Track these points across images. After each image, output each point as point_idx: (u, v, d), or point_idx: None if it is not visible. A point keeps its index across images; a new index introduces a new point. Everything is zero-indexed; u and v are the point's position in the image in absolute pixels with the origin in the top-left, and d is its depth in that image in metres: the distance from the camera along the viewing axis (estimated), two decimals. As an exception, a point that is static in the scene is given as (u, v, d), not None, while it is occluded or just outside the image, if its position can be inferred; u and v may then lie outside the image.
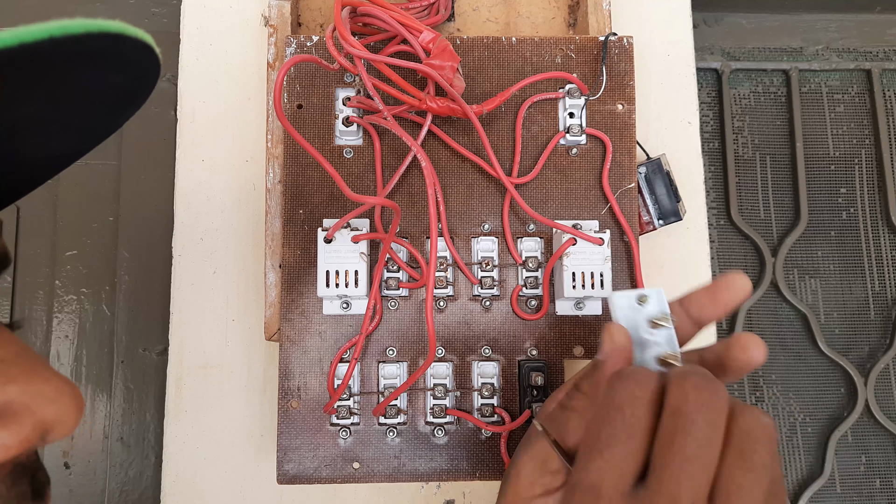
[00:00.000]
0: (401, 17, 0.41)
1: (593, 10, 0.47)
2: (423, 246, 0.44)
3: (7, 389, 0.21)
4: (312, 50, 0.44)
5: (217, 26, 0.51)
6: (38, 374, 0.22)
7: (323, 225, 0.43)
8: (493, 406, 0.43)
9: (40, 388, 0.22)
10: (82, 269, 0.53)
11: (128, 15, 0.57)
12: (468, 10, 0.51)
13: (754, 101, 0.69)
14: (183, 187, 0.49)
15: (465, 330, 0.43)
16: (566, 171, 0.45)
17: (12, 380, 0.21)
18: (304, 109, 0.44)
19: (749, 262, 0.67)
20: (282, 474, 0.42)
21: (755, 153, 0.68)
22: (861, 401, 0.64)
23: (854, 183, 0.68)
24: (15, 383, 0.21)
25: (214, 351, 0.47)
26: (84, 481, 0.51)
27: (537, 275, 0.44)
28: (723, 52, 0.69)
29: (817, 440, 0.64)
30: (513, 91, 0.43)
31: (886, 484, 0.64)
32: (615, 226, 0.44)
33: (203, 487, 0.46)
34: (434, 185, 0.42)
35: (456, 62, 0.40)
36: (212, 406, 0.47)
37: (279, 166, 0.45)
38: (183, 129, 0.50)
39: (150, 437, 0.51)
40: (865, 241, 0.67)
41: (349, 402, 0.42)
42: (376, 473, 0.42)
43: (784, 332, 0.66)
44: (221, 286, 0.48)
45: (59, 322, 0.53)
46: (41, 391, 0.21)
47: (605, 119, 0.45)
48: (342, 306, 0.43)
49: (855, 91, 0.69)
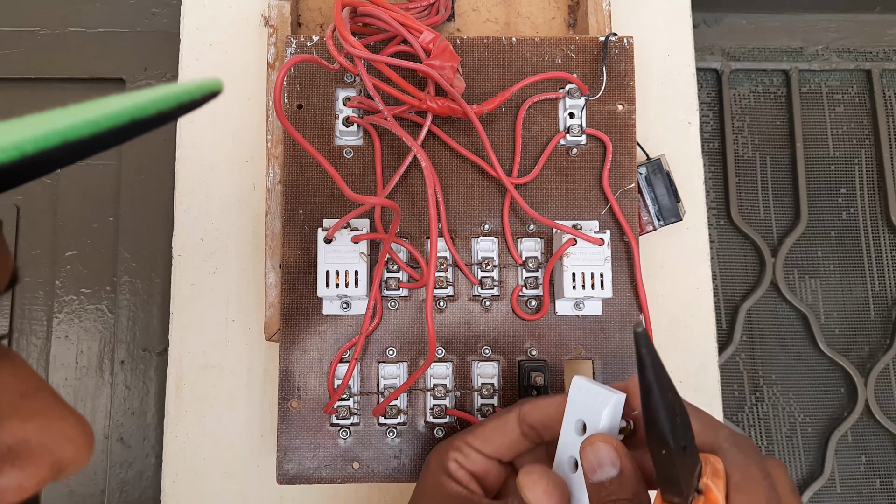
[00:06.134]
0: (401, 18, 0.41)
1: (593, 10, 0.47)
2: (423, 246, 0.44)
3: (26, 427, 0.20)
4: (312, 50, 0.44)
5: (217, 26, 0.50)
6: (57, 411, 0.21)
7: (323, 225, 0.43)
8: (493, 406, 0.43)
9: (59, 426, 0.21)
10: (82, 269, 0.53)
11: (128, 15, 0.57)
12: (468, 11, 0.51)
13: (754, 102, 0.69)
14: (183, 187, 0.49)
15: (465, 330, 0.43)
16: (566, 172, 0.45)
17: (31, 417, 0.21)
18: (304, 109, 0.44)
19: (749, 262, 0.67)
20: (282, 474, 0.42)
21: (755, 153, 0.68)
22: (861, 401, 0.64)
23: (854, 183, 0.68)
24: (34, 421, 0.21)
25: (214, 351, 0.47)
26: (84, 481, 0.51)
27: (537, 275, 0.44)
28: (723, 52, 0.69)
29: (817, 440, 0.64)
30: (513, 91, 0.43)
31: (886, 484, 0.64)
32: (615, 226, 0.44)
33: (203, 487, 0.46)
34: (434, 185, 0.42)
35: (456, 62, 0.40)
36: (212, 406, 0.47)
37: (279, 166, 0.45)
38: (183, 129, 0.50)
39: (150, 437, 0.51)
40: (865, 241, 0.67)
41: (349, 403, 0.42)
42: (376, 473, 0.42)
43: (784, 332, 0.66)
44: (221, 286, 0.48)
45: (59, 322, 0.53)
46: (60, 430, 0.21)
47: (605, 119, 0.45)
48: (342, 306, 0.43)
49: (855, 91, 0.69)
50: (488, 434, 0.35)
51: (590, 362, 0.44)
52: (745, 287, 0.66)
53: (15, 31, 0.55)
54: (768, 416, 0.64)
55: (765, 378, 0.65)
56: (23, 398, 0.21)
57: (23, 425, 0.20)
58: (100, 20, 0.56)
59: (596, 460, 0.29)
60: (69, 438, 0.21)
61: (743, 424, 0.64)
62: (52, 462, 0.21)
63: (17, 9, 0.55)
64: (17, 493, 0.20)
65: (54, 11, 0.55)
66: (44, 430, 0.21)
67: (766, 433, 0.64)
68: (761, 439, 0.64)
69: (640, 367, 0.25)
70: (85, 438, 0.22)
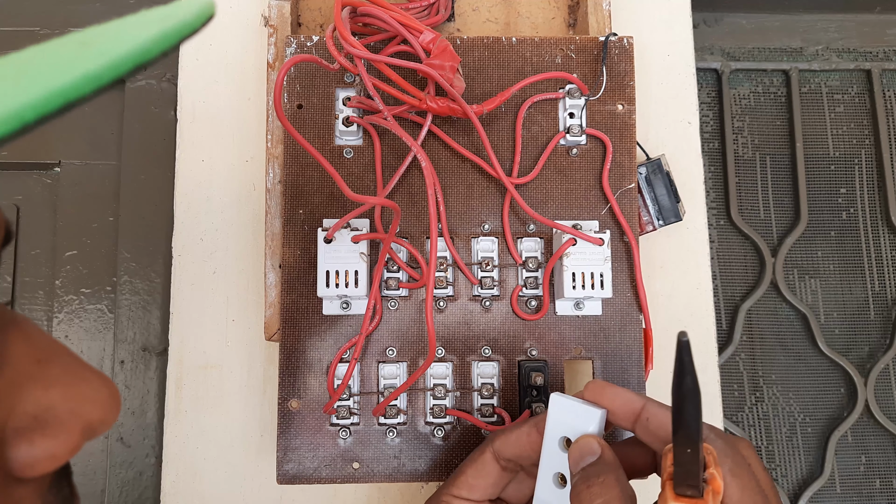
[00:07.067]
0: (401, 18, 0.41)
1: (593, 10, 0.47)
2: (423, 246, 0.44)
3: (50, 395, 0.20)
4: (312, 50, 0.44)
5: (217, 26, 0.50)
6: (78, 373, 0.21)
7: (323, 225, 0.43)
8: (493, 406, 0.43)
9: (82, 389, 0.20)
10: (82, 269, 0.53)
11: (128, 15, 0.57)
12: (468, 11, 0.51)
13: (754, 102, 0.69)
14: (183, 187, 0.49)
15: (465, 330, 0.43)
16: (566, 172, 0.45)
17: (53, 383, 0.20)
18: (304, 109, 0.44)
19: (749, 262, 0.67)
20: (282, 474, 0.42)
21: (755, 153, 0.68)
22: (861, 401, 0.63)
23: (854, 183, 0.68)
24: (56, 387, 0.20)
25: (214, 351, 0.47)
26: (84, 481, 0.51)
27: (537, 275, 0.44)
28: (723, 52, 0.69)
29: (817, 440, 0.64)
30: (513, 91, 0.43)
31: (886, 484, 0.64)
32: (615, 226, 0.44)
33: (203, 487, 0.46)
34: (434, 185, 0.42)
35: (456, 62, 0.40)
36: (212, 406, 0.47)
37: (279, 166, 0.45)
38: (183, 129, 0.50)
39: (150, 437, 0.51)
40: (865, 241, 0.67)
41: (349, 402, 0.42)
42: (376, 473, 0.42)
43: (784, 332, 0.66)
44: (221, 286, 0.48)
45: (59, 322, 0.53)
46: (84, 393, 0.20)
47: (605, 119, 0.45)
48: (342, 306, 0.43)
49: (855, 91, 0.69)
50: (471, 482, 0.36)
51: (590, 362, 0.44)
52: (745, 287, 0.66)
53: (15, 31, 0.54)
54: (768, 416, 0.64)
55: (765, 378, 0.65)
56: (40, 364, 0.20)
57: (46, 393, 0.20)
58: (100, 20, 0.56)
59: (580, 452, 0.31)
60: (95, 400, 0.20)
61: (743, 424, 0.64)
62: (81, 426, 0.20)
63: (17, 9, 0.55)
64: (50, 462, 0.19)
65: (54, 11, 0.55)
66: (68, 396, 0.20)
67: (766, 433, 0.64)
68: (761, 439, 0.64)
69: (680, 373, 0.26)
70: (111, 398, 0.21)
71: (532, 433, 0.34)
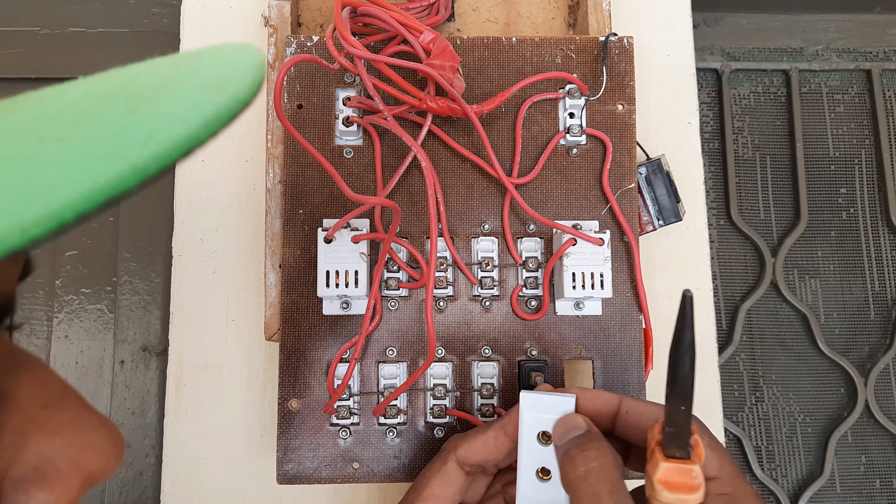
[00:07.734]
0: (401, 18, 0.41)
1: (593, 10, 0.47)
2: (423, 246, 0.44)
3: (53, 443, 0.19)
4: (312, 50, 0.44)
5: (217, 26, 0.50)
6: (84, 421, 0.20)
7: (323, 225, 0.43)
8: (493, 406, 0.43)
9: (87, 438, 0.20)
10: (82, 269, 0.53)
11: (128, 15, 0.57)
12: (468, 11, 0.51)
13: (754, 102, 0.69)
14: (183, 187, 0.49)
15: (465, 330, 0.43)
16: (566, 172, 0.45)
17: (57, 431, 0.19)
18: (304, 109, 0.44)
19: (749, 262, 0.67)
20: (282, 474, 0.42)
21: (755, 153, 0.68)
22: (861, 401, 0.64)
23: (854, 183, 0.68)
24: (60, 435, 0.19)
25: (214, 351, 0.47)
26: (84, 481, 0.51)
27: (537, 275, 0.44)
28: (723, 52, 0.69)
29: (817, 440, 0.64)
30: (513, 91, 0.43)
31: (886, 484, 0.64)
32: (615, 226, 0.44)
33: (203, 487, 0.46)
34: (434, 185, 0.42)
35: (456, 62, 0.40)
36: (212, 406, 0.47)
37: (279, 166, 0.45)
38: (183, 129, 0.49)
39: (150, 437, 0.51)
40: (865, 241, 0.67)
41: (349, 402, 0.42)
42: (376, 473, 0.42)
43: (784, 332, 0.66)
44: (221, 286, 0.48)
45: (59, 322, 0.53)
46: (88, 442, 0.20)
47: (605, 119, 0.45)
48: (342, 306, 0.43)
49: (855, 91, 0.69)
50: (437, 493, 0.35)
51: (590, 362, 0.44)
52: (745, 287, 0.66)
53: (15, 31, 0.55)
54: (768, 416, 0.64)
55: (765, 378, 0.65)
56: (47, 410, 0.19)
57: (49, 441, 0.19)
58: (100, 20, 0.56)
59: (566, 427, 0.32)
60: (98, 450, 0.20)
61: (743, 424, 0.64)
62: (81, 479, 0.19)
63: (17, 9, 0.55)
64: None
65: (54, 11, 0.55)
66: (71, 445, 0.19)
67: (766, 433, 0.64)
68: (761, 439, 0.64)
69: (681, 328, 0.27)
70: (114, 448, 0.20)
71: (499, 436, 0.34)
